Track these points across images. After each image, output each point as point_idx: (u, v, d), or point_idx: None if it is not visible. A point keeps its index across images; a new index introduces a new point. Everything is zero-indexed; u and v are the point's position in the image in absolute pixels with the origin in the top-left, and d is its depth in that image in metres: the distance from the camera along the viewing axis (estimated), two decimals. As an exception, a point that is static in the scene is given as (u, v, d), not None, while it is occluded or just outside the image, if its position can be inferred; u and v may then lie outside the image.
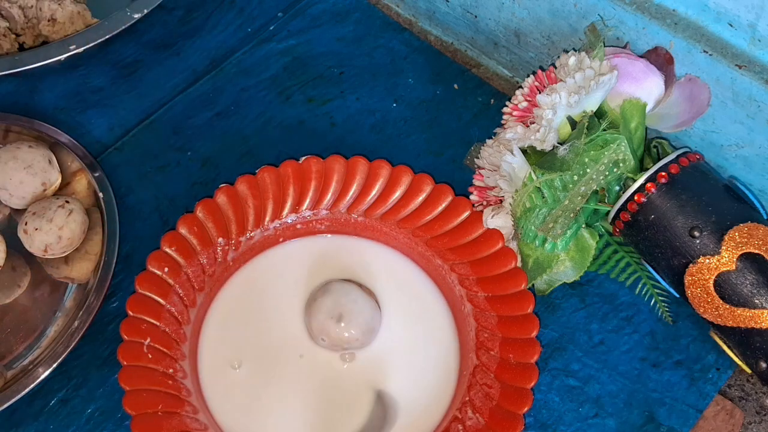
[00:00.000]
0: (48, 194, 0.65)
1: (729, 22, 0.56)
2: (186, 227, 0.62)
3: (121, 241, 0.65)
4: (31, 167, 0.64)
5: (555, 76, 0.60)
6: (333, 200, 0.65)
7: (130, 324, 0.58)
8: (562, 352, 0.63)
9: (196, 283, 0.62)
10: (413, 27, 0.80)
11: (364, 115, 0.74)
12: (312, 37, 0.79)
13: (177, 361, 0.59)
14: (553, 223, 0.59)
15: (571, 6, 0.64)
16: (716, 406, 0.61)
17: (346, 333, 0.59)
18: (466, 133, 0.73)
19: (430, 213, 0.64)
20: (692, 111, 0.61)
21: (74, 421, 0.61)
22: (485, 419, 0.56)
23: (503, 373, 0.58)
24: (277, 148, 0.72)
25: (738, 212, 0.57)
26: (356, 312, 0.59)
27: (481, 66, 0.78)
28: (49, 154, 0.66)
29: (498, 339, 0.59)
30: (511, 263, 0.62)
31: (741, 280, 0.56)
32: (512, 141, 0.60)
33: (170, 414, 0.56)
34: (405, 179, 0.65)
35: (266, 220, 0.64)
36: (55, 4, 0.73)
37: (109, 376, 0.62)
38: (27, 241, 0.63)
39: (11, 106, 0.72)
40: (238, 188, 0.64)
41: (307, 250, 0.65)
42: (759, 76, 0.57)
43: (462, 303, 0.62)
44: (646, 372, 0.62)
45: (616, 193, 0.61)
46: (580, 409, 0.61)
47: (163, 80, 0.76)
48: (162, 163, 0.72)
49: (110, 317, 0.64)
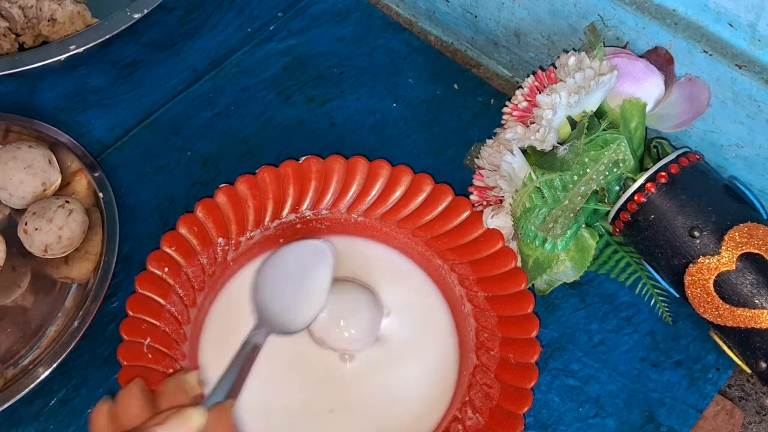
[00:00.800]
0: (48, 194, 0.65)
1: (729, 22, 0.56)
2: (186, 227, 0.62)
3: (121, 241, 0.65)
4: (31, 167, 0.64)
5: (555, 76, 0.60)
6: (333, 200, 0.65)
7: (130, 324, 0.58)
8: (562, 352, 0.63)
9: (196, 283, 0.62)
10: (413, 27, 0.80)
11: (364, 115, 0.74)
12: (312, 37, 0.79)
13: (177, 361, 0.58)
14: (553, 223, 0.59)
15: (571, 6, 0.64)
16: (716, 406, 0.61)
17: (346, 333, 0.59)
18: (466, 133, 0.73)
19: (430, 213, 0.64)
20: (692, 111, 0.60)
21: (74, 421, 0.61)
22: (485, 419, 0.56)
23: (503, 373, 0.58)
24: (277, 148, 0.72)
25: (738, 212, 0.57)
26: (356, 312, 0.59)
27: (481, 66, 0.78)
28: (49, 154, 0.66)
29: (498, 339, 0.59)
30: (511, 263, 0.62)
31: (741, 280, 0.56)
32: (512, 141, 0.60)
33: (170, 414, 0.56)
34: (405, 179, 0.65)
35: (266, 220, 0.64)
36: (55, 4, 0.72)
37: (109, 376, 0.62)
38: (27, 241, 0.63)
39: (11, 106, 0.72)
40: (238, 188, 0.64)
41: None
42: (759, 76, 0.57)
43: (462, 303, 0.62)
44: (646, 372, 0.62)
45: (616, 193, 0.61)
46: (580, 409, 0.61)
47: (163, 80, 0.76)
48: (162, 163, 0.72)
49: (110, 317, 0.64)
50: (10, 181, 0.64)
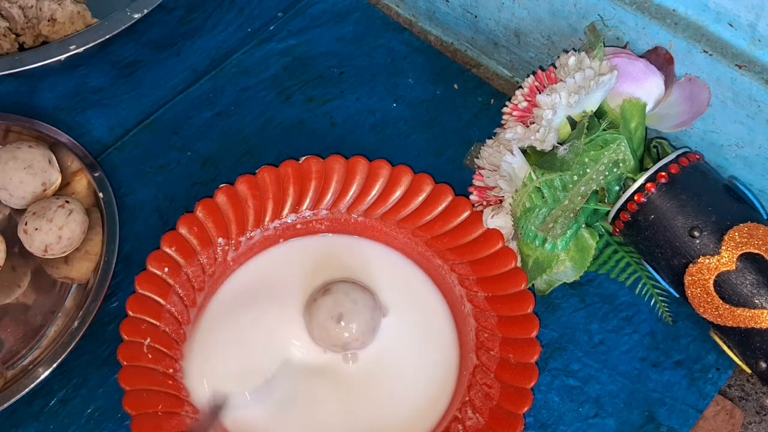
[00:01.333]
0: (48, 194, 0.65)
1: (729, 22, 0.56)
2: (186, 227, 0.62)
3: (121, 241, 0.65)
4: (31, 167, 0.64)
5: (555, 76, 0.60)
6: (333, 200, 0.65)
7: (130, 324, 0.58)
8: (562, 352, 0.63)
9: (196, 283, 0.62)
10: (413, 27, 0.80)
11: (364, 115, 0.74)
12: (312, 37, 0.79)
13: (177, 361, 0.59)
14: (553, 223, 0.59)
15: (571, 6, 0.64)
16: (716, 406, 0.61)
17: (345, 333, 0.59)
18: (466, 133, 0.73)
19: (430, 213, 0.64)
20: (692, 111, 0.60)
21: (74, 421, 0.60)
22: (485, 419, 0.56)
23: (503, 373, 0.58)
24: (277, 148, 0.72)
25: (738, 212, 0.57)
26: (356, 312, 0.59)
27: (481, 66, 0.78)
28: (49, 154, 0.66)
29: (498, 339, 0.59)
30: (511, 263, 0.62)
31: (741, 280, 0.56)
32: (512, 141, 0.60)
33: (170, 414, 0.56)
34: (405, 179, 0.65)
35: (266, 220, 0.64)
36: (55, 4, 0.72)
37: (109, 376, 0.62)
38: (27, 241, 0.63)
39: (11, 106, 0.72)
40: (238, 188, 0.64)
41: (307, 251, 0.65)
42: (759, 76, 0.57)
43: (462, 303, 0.62)
44: (646, 372, 0.62)
45: (616, 193, 0.61)
46: (580, 409, 0.61)
47: (163, 80, 0.76)
48: (162, 163, 0.72)
49: (110, 317, 0.64)
50: (10, 181, 0.64)
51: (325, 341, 0.60)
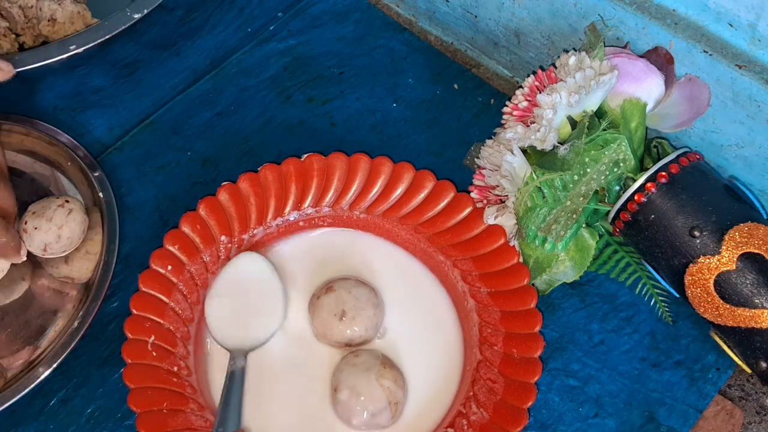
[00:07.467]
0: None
1: (729, 22, 0.56)
2: (189, 225, 0.62)
3: (121, 240, 0.65)
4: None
5: (555, 76, 0.61)
6: (335, 197, 0.65)
7: (134, 322, 0.58)
8: (562, 352, 0.63)
9: (200, 280, 0.62)
10: (413, 27, 0.80)
11: (364, 115, 0.74)
12: (312, 37, 0.79)
13: (181, 359, 0.58)
14: (554, 224, 0.59)
15: (571, 6, 0.64)
16: (716, 406, 0.61)
17: (348, 330, 0.59)
18: (466, 133, 0.73)
19: (432, 209, 0.64)
20: (692, 111, 0.61)
21: (74, 421, 0.60)
22: (489, 414, 0.56)
23: (507, 368, 0.58)
24: (277, 148, 0.72)
25: (738, 212, 0.57)
26: (359, 309, 0.59)
27: (481, 66, 0.78)
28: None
29: (501, 334, 0.59)
30: (514, 259, 0.62)
31: (741, 279, 0.56)
32: (512, 141, 0.60)
33: (175, 411, 0.56)
34: (407, 176, 0.65)
35: (268, 218, 0.64)
36: (55, 4, 0.72)
37: (109, 376, 0.62)
38: (27, 240, 0.63)
39: (11, 106, 0.72)
40: (241, 186, 0.64)
41: (309, 248, 0.65)
42: (759, 76, 0.57)
43: (465, 299, 0.62)
44: (646, 372, 0.62)
45: (616, 193, 0.61)
46: (580, 409, 0.61)
47: (163, 80, 0.76)
48: (162, 163, 0.72)
49: (110, 317, 0.64)
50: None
51: (328, 338, 0.60)
